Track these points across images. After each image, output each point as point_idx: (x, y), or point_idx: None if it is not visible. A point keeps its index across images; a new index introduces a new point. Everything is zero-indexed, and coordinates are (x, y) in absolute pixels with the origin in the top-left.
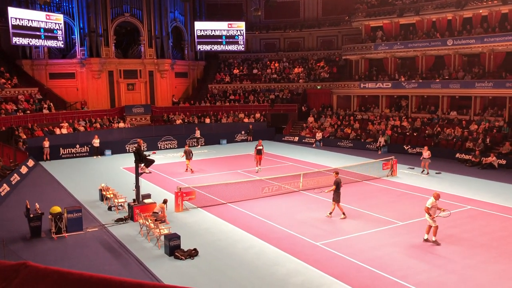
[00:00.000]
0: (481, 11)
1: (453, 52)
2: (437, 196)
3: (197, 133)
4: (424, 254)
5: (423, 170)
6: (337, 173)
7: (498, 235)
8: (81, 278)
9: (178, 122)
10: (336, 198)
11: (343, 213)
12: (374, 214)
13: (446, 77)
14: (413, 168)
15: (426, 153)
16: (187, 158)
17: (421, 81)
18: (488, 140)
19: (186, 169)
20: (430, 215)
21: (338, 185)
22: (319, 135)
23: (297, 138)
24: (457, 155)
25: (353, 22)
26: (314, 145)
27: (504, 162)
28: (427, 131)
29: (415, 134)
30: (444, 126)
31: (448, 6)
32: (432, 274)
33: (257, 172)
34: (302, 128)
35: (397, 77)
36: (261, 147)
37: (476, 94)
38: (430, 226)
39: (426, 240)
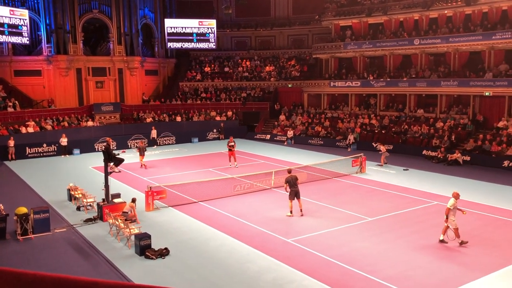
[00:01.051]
0: (446, 12)
1: (420, 52)
2: (457, 196)
3: (153, 133)
4: (392, 250)
5: (386, 163)
6: (289, 171)
7: (463, 229)
8: (34, 278)
9: (148, 120)
10: (290, 195)
11: (291, 211)
12: (344, 210)
13: (413, 76)
14: (381, 165)
15: (383, 148)
16: (140, 154)
17: (389, 80)
18: (453, 137)
19: (141, 165)
20: (452, 216)
21: (289, 183)
22: (290, 133)
23: (269, 136)
24: (424, 152)
25: (323, 21)
26: (285, 143)
27: (468, 158)
28: (394, 129)
29: (383, 131)
30: (411, 123)
31: (415, 6)
32: (400, 268)
33: (233, 167)
34: (273, 126)
35: (366, 76)
36: (232, 143)
37: (442, 93)
38: (447, 227)
39: (442, 241)
